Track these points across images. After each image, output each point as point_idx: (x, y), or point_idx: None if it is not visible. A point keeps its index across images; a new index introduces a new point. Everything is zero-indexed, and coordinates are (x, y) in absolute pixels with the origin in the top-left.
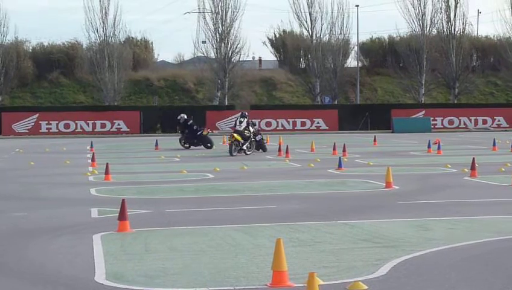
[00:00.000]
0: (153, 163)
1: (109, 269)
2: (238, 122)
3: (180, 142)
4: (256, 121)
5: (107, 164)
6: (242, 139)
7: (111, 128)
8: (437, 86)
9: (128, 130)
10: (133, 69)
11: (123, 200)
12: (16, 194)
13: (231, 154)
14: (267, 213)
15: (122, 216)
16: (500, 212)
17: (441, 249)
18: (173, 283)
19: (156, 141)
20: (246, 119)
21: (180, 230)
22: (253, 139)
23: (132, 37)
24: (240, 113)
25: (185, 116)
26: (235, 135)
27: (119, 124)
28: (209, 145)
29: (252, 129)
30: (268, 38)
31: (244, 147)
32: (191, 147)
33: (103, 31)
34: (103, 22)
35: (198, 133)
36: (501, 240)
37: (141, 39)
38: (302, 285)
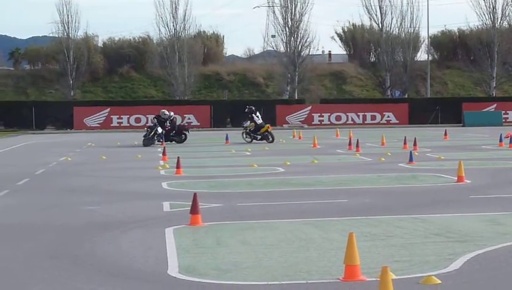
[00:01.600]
0: (223, 157)
1: (182, 263)
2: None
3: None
4: (326, 114)
5: (178, 157)
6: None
7: (182, 122)
8: (508, 79)
9: (199, 124)
10: (203, 64)
11: (195, 194)
12: (88, 188)
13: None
14: (338, 207)
15: (194, 210)
16: None
17: None
18: (245, 276)
19: (227, 135)
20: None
21: (251, 224)
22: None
23: (203, 32)
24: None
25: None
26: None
27: (189, 118)
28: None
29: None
30: (336, 32)
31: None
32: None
33: (173, 26)
34: (173, 16)
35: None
36: None
37: (211, 33)
38: (375, 279)
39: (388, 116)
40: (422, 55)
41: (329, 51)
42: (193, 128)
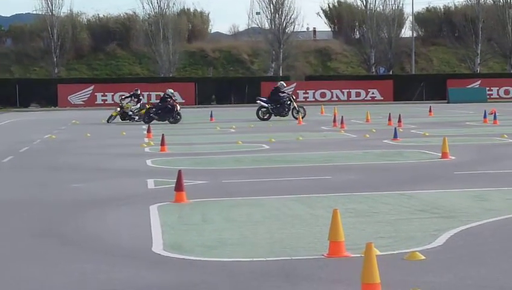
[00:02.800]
0: (208, 134)
1: (167, 240)
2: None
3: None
4: (311, 91)
5: (162, 135)
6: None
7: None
8: (493, 56)
9: (184, 101)
10: (188, 41)
11: (179, 170)
12: (73, 166)
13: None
14: (323, 184)
15: (178, 187)
16: None
17: (500, 220)
18: (231, 253)
19: (211, 112)
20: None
21: (237, 201)
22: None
23: (188, 9)
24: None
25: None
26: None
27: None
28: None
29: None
30: (322, 9)
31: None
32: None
33: (157, 3)
34: None
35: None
36: None
37: (196, 11)
38: (359, 255)
39: (373, 93)
40: (407, 32)
41: (314, 28)
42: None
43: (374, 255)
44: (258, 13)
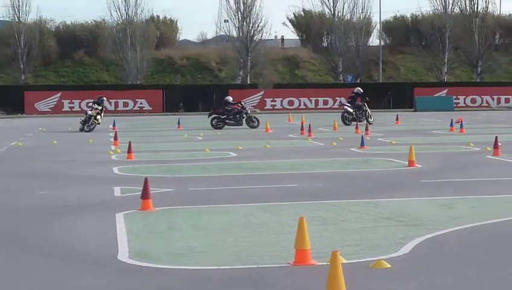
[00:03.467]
0: (175, 142)
1: (132, 248)
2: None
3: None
4: (278, 99)
5: (129, 142)
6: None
7: (133, 107)
8: (460, 65)
9: (151, 108)
10: (156, 48)
11: (146, 178)
12: (40, 173)
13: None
14: (290, 191)
15: (145, 195)
16: None
17: (465, 228)
18: (197, 261)
19: (179, 119)
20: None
21: (204, 208)
22: None
23: (156, 16)
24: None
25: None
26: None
27: (141, 103)
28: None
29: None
30: (288, 18)
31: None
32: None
33: (125, 10)
34: (125, 0)
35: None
36: None
37: (164, 18)
38: (325, 263)
39: (340, 102)
40: (374, 41)
41: (282, 36)
42: (145, 113)
43: (340, 263)
44: (226, 21)
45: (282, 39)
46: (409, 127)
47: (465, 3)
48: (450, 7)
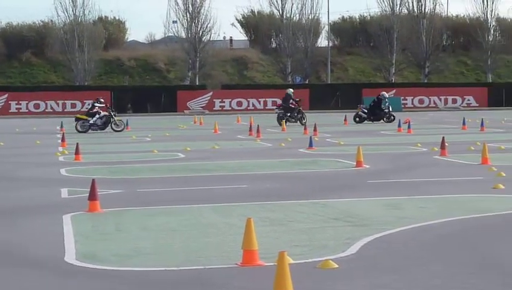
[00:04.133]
0: (123, 143)
1: (80, 249)
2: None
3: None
4: (227, 100)
5: (77, 144)
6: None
7: (81, 108)
8: (408, 66)
9: None
10: (104, 49)
11: (93, 180)
12: None
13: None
14: (238, 192)
15: (92, 196)
16: (470, 190)
17: (412, 228)
18: (145, 262)
19: (127, 120)
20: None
21: (152, 210)
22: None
23: (104, 17)
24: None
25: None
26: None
27: (89, 104)
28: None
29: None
30: (236, 19)
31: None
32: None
33: (73, 11)
34: (72, 1)
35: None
36: (471, 219)
37: (113, 19)
38: (272, 264)
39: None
40: (323, 41)
41: (231, 37)
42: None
43: (287, 263)
44: (174, 22)
45: (231, 40)
46: (357, 127)
47: (413, 4)
48: (397, 8)
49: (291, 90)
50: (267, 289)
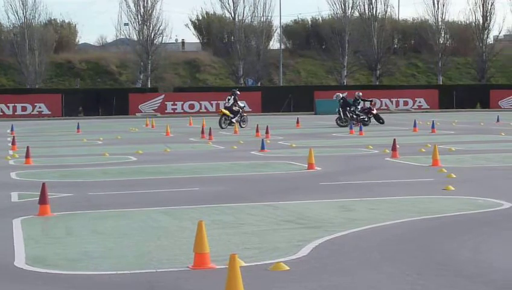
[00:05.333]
0: (75, 146)
1: (29, 253)
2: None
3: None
4: (179, 103)
5: (27, 147)
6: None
7: (32, 111)
8: (359, 68)
9: (50, 113)
10: (55, 52)
11: (43, 183)
12: None
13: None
14: (190, 195)
15: (42, 200)
16: (421, 192)
17: (363, 229)
18: (95, 266)
19: (78, 123)
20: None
21: (103, 213)
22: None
23: (55, 19)
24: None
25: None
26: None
27: (40, 107)
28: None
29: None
30: (191, 20)
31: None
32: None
33: (23, 13)
34: (23, 3)
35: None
36: (422, 220)
37: (64, 21)
38: (224, 267)
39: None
40: (275, 44)
41: (183, 40)
42: (44, 117)
43: (238, 266)
44: (126, 24)
45: (183, 43)
46: (309, 130)
47: (364, 7)
48: (349, 11)
49: (236, 91)
50: None
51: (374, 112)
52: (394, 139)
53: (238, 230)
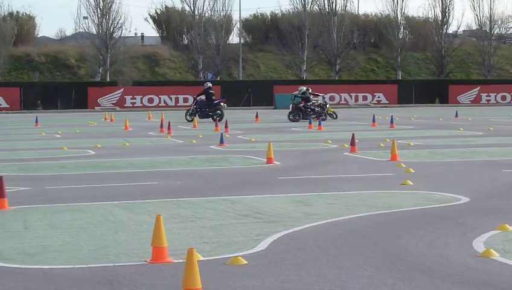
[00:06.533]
0: (33, 140)
1: None
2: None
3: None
4: (138, 97)
5: None
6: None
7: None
8: (319, 63)
9: (8, 106)
10: (13, 45)
11: (1, 177)
12: None
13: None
14: (148, 189)
15: (0, 194)
16: (379, 187)
17: (321, 224)
18: (52, 260)
19: (36, 117)
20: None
21: (60, 207)
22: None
23: (15, 12)
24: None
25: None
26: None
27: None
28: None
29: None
30: (150, 14)
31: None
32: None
33: None
34: None
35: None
36: (378, 215)
37: (23, 14)
38: (181, 261)
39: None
40: (234, 38)
41: (142, 33)
42: (2, 110)
43: (196, 260)
44: (85, 18)
45: (142, 36)
46: (269, 124)
47: (324, 2)
48: (309, 5)
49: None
50: (176, 285)
51: (328, 106)
52: (353, 134)
53: (196, 224)
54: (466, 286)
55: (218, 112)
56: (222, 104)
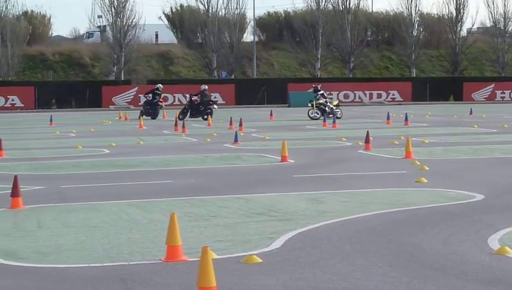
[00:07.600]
0: (47, 139)
1: (0, 247)
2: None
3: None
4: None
5: (0, 139)
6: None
7: (5, 104)
8: (333, 61)
9: (23, 105)
10: (27, 44)
11: (15, 176)
12: None
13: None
14: (163, 188)
15: (14, 193)
16: (393, 184)
17: (335, 222)
18: (67, 259)
19: (51, 116)
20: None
21: (74, 206)
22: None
23: (29, 11)
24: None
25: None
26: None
27: (13, 100)
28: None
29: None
30: (164, 13)
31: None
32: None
33: None
34: None
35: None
36: (393, 212)
37: (37, 13)
38: (196, 259)
39: (215, 97)
40: (248, 37)
41: (156, 32)
42: (16, 109)
43: (210, 259)
44: (99, 16)
45: (157, 35)
46: (283, 122)
47: (338, 0)
48: (323, 3)
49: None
50: (191, 284)
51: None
52: (367, 132)
53: (210, 223)
54: (480, 283)
55: (209, 110)
56: (215, 106)
